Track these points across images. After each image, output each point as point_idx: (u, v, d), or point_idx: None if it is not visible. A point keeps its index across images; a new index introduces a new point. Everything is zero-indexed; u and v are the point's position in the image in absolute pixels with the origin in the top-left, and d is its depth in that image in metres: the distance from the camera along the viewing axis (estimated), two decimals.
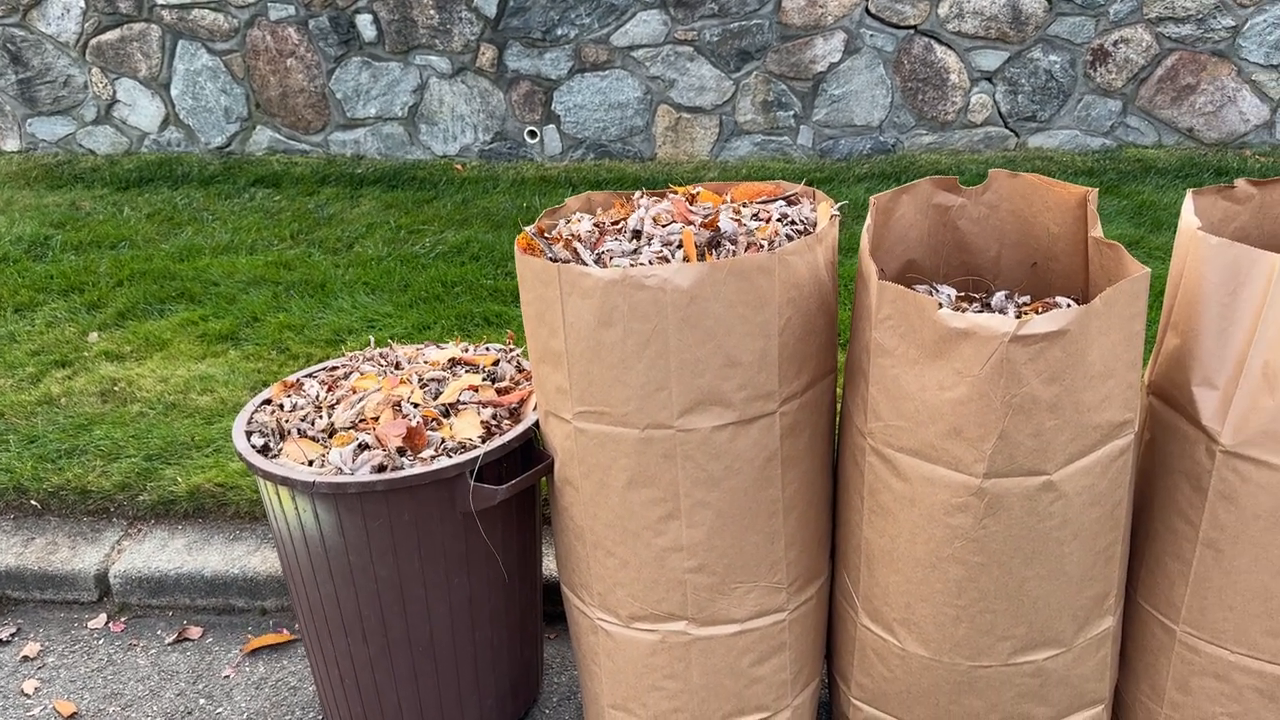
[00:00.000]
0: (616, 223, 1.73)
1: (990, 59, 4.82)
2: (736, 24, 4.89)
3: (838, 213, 1.73)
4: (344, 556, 1.78)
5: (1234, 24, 4.63)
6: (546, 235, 1.68)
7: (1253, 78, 4.73)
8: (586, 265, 1.59)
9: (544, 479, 1.87)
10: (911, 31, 4.80)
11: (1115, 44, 4.73)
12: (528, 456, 1.87)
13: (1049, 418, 1.49)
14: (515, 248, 1.65)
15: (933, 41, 4.81)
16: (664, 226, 1.65)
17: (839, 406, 1.85)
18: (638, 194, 1.84)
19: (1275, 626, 1.66)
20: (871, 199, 1.84)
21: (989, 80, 4.86)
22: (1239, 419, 1.60)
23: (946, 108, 4.92)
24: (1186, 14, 4.64)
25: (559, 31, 5.02)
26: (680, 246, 1.64)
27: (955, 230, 1.96)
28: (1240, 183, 1.85)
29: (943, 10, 4.74)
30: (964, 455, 1.54)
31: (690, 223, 1.66)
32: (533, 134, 5.25)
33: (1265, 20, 4.62)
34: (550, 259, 1.65)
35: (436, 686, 1.92)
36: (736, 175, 4.96)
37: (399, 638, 1.86)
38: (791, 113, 5.03)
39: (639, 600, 1.77)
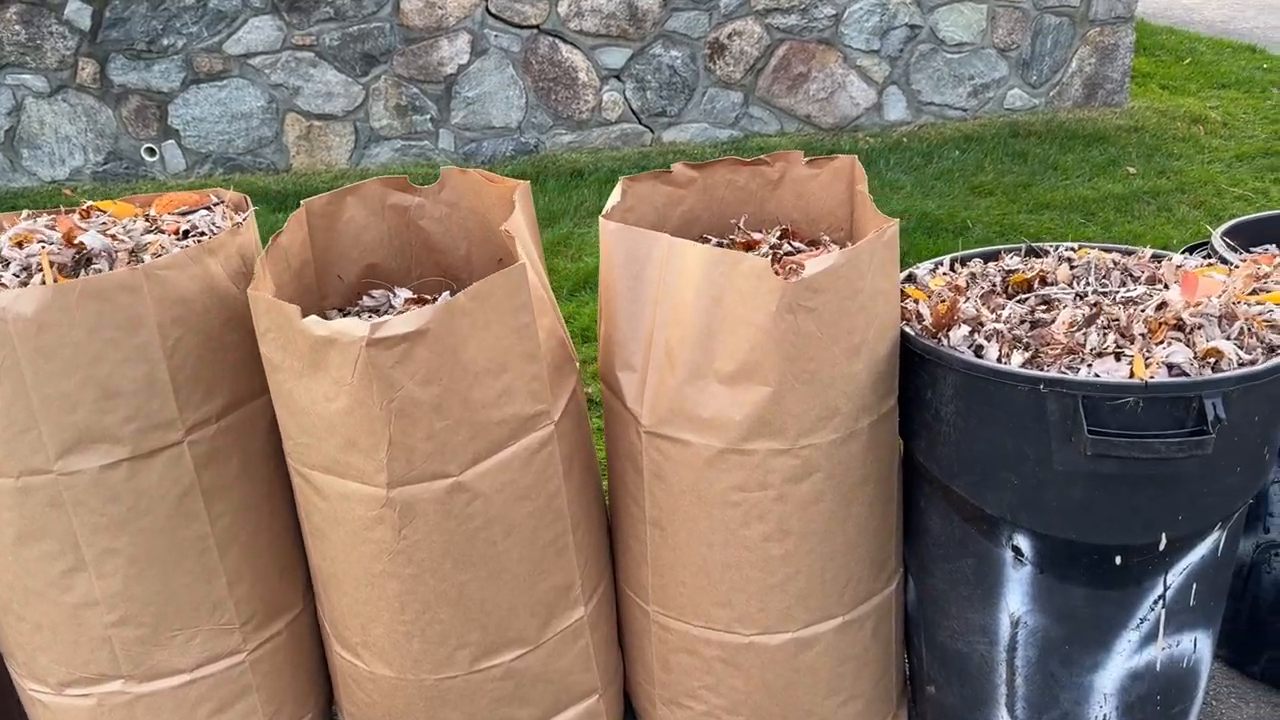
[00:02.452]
0: None
1: (615, 57, 4.89)
2: (356, 27, 4.73)
3: (244, 220, 1.62)
4: None
5: (834, 12, 4.92)
6: None
7: (858, 63, 5.04)
8: None
9: None
10: (535, 31, 4.81)
11: (729, 37, 4.91)
12: None
13: (437, 419, 1.44)
14: None
15: (557, 41, 4.84)
16: (24, 249, 1.49)
17: None
18: (24, 214, 1.66)
19: (721, 597, 1.69)
20: (304, 203, 1.74)
21: (617, 78, 4.94)
22: (653, 399, 1.61)
23: (580, 106, 4.96)
24: (791, 4, 4.88)
25: (165, 41, 4.69)
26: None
27: (420, 230, 1.90)
28: (678, 167, 1.88)
29: (562, 9, 4.77)
30: (365, 466, 1.47)
31: (60, 242, 1.50)
32: (151, 151, 4.89)
33: (861, 8, 4.93)
34: None
35: None
36: None
37: None
38: (428, 116, 4.92)
39: (64, 664, 1.59)
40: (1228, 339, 1.50)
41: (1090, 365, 1.47)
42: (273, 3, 4.66)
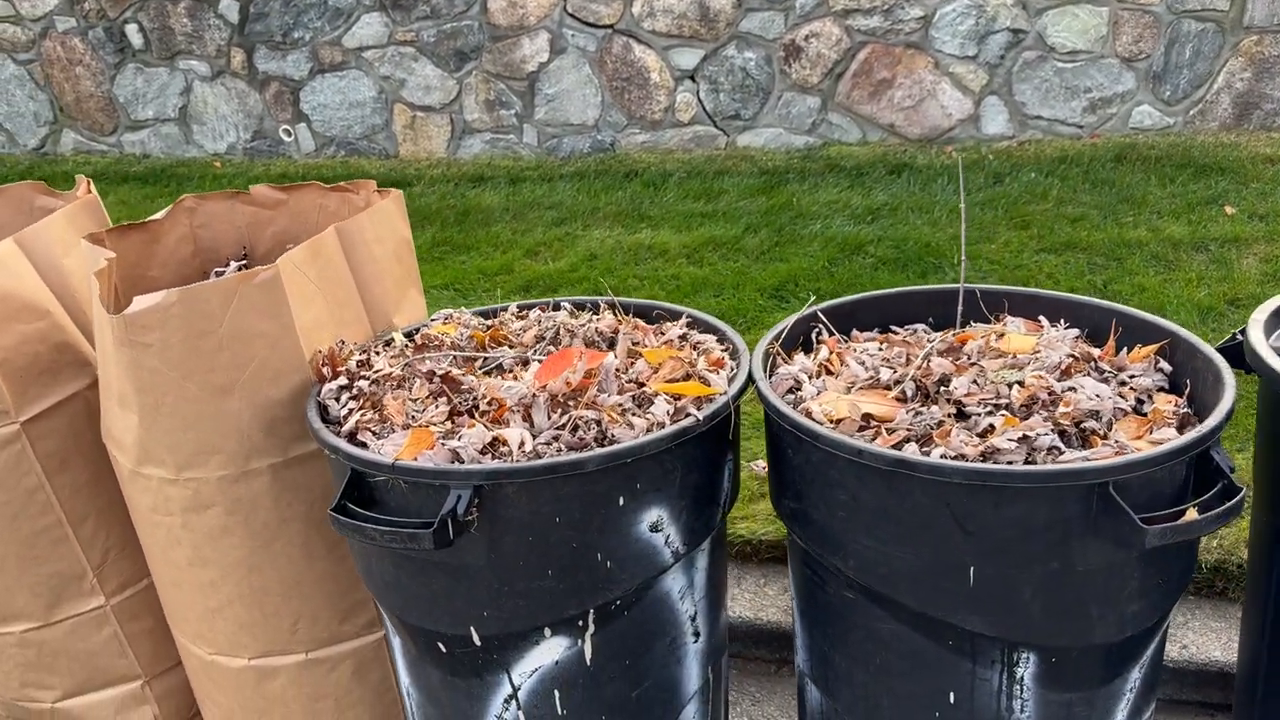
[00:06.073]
0: None
1: (688, 57, 4.81)
2: (449, 25, 5.01)
3: None
4: None
5: (923, 14, 4.51)
6: None
7: (950, 70, 4.59)
8: None
9: None
10: (609, 30, 4.83)
11: (806, 39, 4.66)
12: None
13: None
14: None
15: (631, 40, 4.83)
16: None
17: None
18: None
19: (179, 612, 1.75)
20: None
21: (690, 79, 4.85)
22: (101, 407, 1.70)
23: (653, 107, 4.93)
24: (873, 5, 4.53)
25: (296, 34, 5.23)
26: None
27: None
28: (260, 189, 1.93)
29: (636, 9, 4.76)
30: None
31: None
32: (288, 133, 5.48)
33: (954, 9, 4.48)
34: None
35: None
36: (469, 172, 5.08)
37: None
38: (513, 111, 5.11)
39: None
40: (557, 428, 1.34)
41: (387, 437, 1.38)
42: (380, 0, 5.06)
